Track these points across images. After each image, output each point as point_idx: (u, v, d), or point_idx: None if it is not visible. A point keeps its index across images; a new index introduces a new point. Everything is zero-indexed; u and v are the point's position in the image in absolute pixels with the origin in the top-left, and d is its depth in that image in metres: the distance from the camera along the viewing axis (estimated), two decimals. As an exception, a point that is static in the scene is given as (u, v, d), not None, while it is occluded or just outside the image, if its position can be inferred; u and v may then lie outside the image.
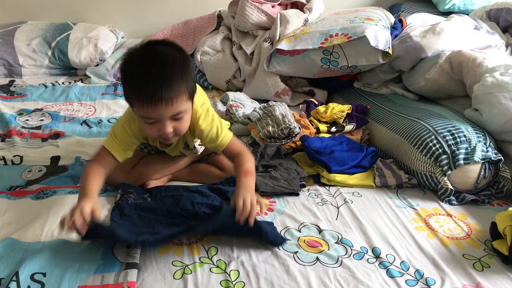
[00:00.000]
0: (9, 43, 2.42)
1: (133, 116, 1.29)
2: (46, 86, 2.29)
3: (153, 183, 1.47)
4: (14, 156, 1.61)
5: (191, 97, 1.25)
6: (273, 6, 2.39)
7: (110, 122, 1.92)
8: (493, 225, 1.27)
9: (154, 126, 1.22)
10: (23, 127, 1.83)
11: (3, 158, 1.59)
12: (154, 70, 1.15)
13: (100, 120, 1.94)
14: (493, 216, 1.31)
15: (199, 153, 1.52)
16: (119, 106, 2.09)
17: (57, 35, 2.49)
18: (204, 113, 1.34)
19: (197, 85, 1.36)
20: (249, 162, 1.31)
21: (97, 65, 2.46)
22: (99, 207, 1.16)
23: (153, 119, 1.20)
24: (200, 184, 1.47)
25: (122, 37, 2.75)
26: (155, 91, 1.14)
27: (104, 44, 2.49)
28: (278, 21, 2.22)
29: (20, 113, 1.96)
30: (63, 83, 2.36)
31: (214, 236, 1.23)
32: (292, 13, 2.26)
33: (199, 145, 1.49)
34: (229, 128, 1.61)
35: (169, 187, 1.44)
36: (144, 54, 1.19)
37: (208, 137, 1.34)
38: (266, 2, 2.37)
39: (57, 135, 1.79)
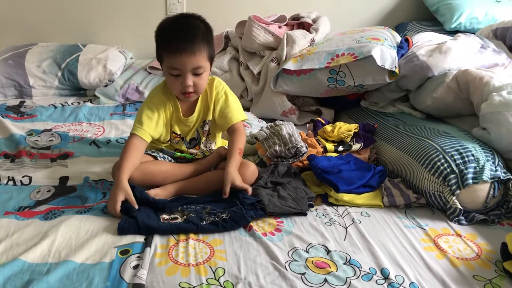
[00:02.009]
0: (20, 64, 2.46)
1: (153, 94, 1.60)
2: (55, 107, 2.31)
3: (153, 192, 1.48)
4: (23, 176, 1.62)
5: (210, 60, 1.52)
6: (279, 27, 2.41)
7: (118, 142, 1.94)
8: (504, 245, 1.25)
9: (177, 79, 1.48)
10: (32, 147, 1.84)
11: (12, 179, 1.60)
12: (182, 29, 1.46)
13: (109, 140, 1.95)
14: (503, 236, 1.30)
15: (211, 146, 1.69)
16: (128, 126, 2.10)
17: (67, 56, 2.53)
18: (220, 80, 1.64)
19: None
20: (243, 141, 1.59)
21: (106, 85, 2.49)
22: (130, 194, 1.39)
23: (177, 69, 1.47)
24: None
25: (131, 58, 2.78)
26: (181, 43, 1.43)
27: (113, 65, 2.52)
28: (285, 42, 2.24)
29: (30, 133, 1.98)
30: (72, 103, 2.39)
31: (221, 256, 1.23)
32: (298, 33, 2.28)
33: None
34: None
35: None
36: (176, 19, 1.51)
37: (221, 99, 1.60)
38: (272, 22, 2.39)
39: (66, 156, 1.80)
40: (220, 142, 1.73)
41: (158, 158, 1.63)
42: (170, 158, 1.66)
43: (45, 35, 2.81)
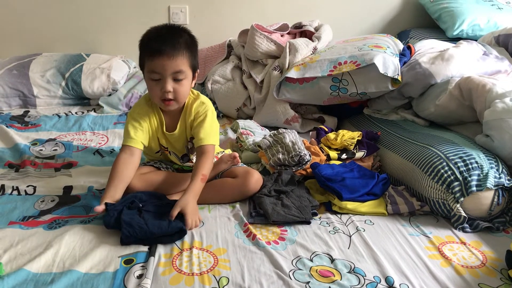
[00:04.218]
0: (24, 74, 2.47)
1: (136, 105, 1.59)
2: (59, 116, 2.33)
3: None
4: (27, 186, 1.62)
5: (192, 68, 1.50)
6: (282, 35, 2.42)
7: (122, 151, 1.94)
8: (509, 253, 1.25)
9: (157, 84, 1.46)
10: (36, 157, 1.85)
11: (17, 189, 1.60)
12: (164, 34, 1.47)
13: (113, 149, 1.96)
14: (508, 243, 1.29)
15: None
16: (131, 135, 2.11)
17: (70, 66, 2.54)
18: (207, 102, 1.59)
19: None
20: (208, 166, 1.50)
21: (110, 95, 2.50)
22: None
23: (157, 73, 1.45)
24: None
25: (134, 67, 2.80)
26: (161, 45, 1.43)
27: (117, 74, 2.54)
28: (287, 50, 2.25)
29: (34, 143, 1.99)
30: (76, 113, 2.40)
31: (225, 265, 1.22)
32: (301, 41, 2.29)
33: None
34: (240, 157, 1.72)
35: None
36: (161, 27, 1.52)
37: (199, 119, 1.55)
38: (275, 31, 2.40)
39: (70, 165, 1.80)
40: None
41: (161, 168, 1.64)
42: (171, 169, 1.66)
43: (49, 45, 2.83)
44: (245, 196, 1.56)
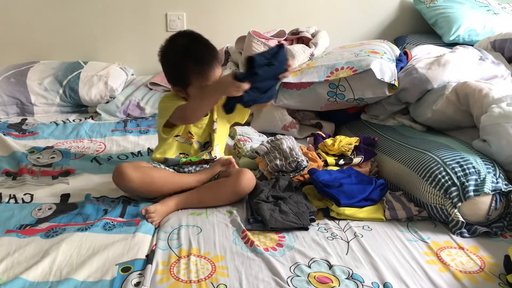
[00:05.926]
0: (21, 82, 2.47)
1: (165, 96, 1.71)
2: (57, 124, 2.32)
3: (153, 208, 1.46)
4: (25, 194, 1.62)
5: None
6: (279, 42, 2.43)
7: (119, 159, 1.94)
8: (507, 258, 1.25)
9: None
10: (34, 165, 1.85)
11: (14, 197, 1.60)
12: (207, 43, 1.63)
13: (110, 156, 1.96)
14: (506, 248, 1.29)
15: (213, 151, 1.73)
16: (129, 143, 2.11)
17: (68, 73, 2.54)
18: None
19: None
20: None
21: (107, 102, 2.50)
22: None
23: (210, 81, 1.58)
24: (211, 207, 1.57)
25: (132, 74, 2.81)
26: (214, 55, 1.61)
27: (114, 81, 2.54)
28: (284, 56, 2.25)
29: (32, 151, 1.98)
30: (73, 120, 2.40)
31: (223, 273, 1.22)
32: (298, 48, 2.30)
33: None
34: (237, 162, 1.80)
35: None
36: (189, 35, 1.64)
37: None
38: (272, 38, 2.41)
39: (67, 173, 1.80)
40: (223, 145, 1.81)
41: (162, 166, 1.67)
42: (172, 170, 1.67)
43: (46, 52, 2.83)
44: (239, 195, 1.57)
